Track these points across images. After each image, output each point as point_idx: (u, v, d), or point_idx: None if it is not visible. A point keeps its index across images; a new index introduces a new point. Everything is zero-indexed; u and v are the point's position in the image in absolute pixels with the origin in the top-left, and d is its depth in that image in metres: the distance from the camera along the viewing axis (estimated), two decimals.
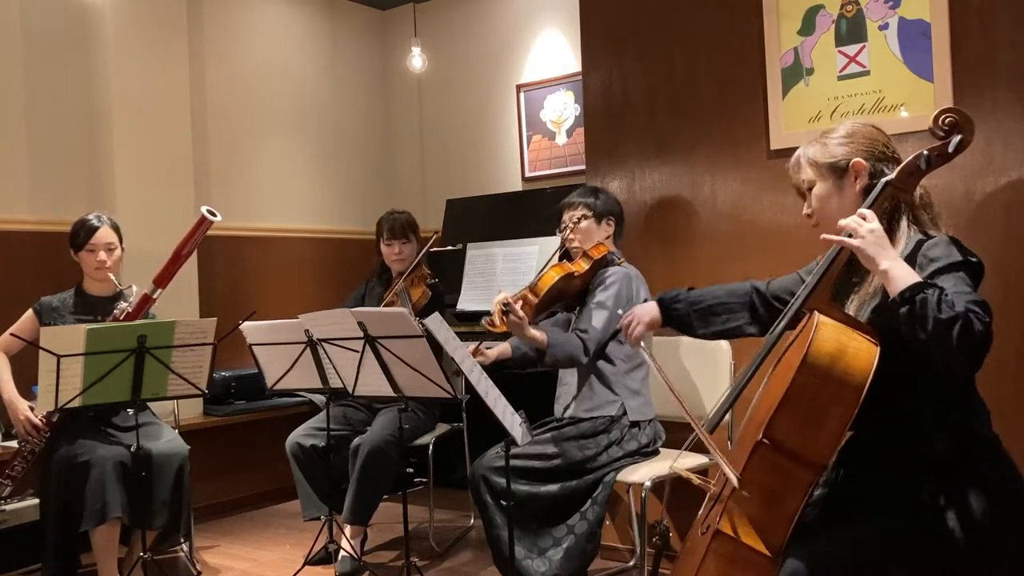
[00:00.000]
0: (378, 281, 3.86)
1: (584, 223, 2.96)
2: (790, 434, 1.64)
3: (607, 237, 3.00)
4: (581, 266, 2.90)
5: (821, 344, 1.64)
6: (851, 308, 1.81)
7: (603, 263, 2.93)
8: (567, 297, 2.97)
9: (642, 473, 2.76)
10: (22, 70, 4.01)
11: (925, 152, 1.74)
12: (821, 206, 1.90)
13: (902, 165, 1.76)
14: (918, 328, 1.55)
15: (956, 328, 1.51)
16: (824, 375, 1.63)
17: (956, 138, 1.72)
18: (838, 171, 1.87)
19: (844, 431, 1.64)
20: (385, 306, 3.56)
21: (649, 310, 2.27)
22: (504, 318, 2.72)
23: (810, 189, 1.91)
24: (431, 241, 3.69)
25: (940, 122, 1.74)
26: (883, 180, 1.76)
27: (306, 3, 5.26)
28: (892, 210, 1.81)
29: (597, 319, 2.83)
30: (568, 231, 2.99)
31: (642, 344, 2.29)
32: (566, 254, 3.09)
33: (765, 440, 1.64)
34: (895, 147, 1.89)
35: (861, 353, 1.64)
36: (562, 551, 2.69)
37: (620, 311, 2.75)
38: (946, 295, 1.55)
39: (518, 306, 2.73)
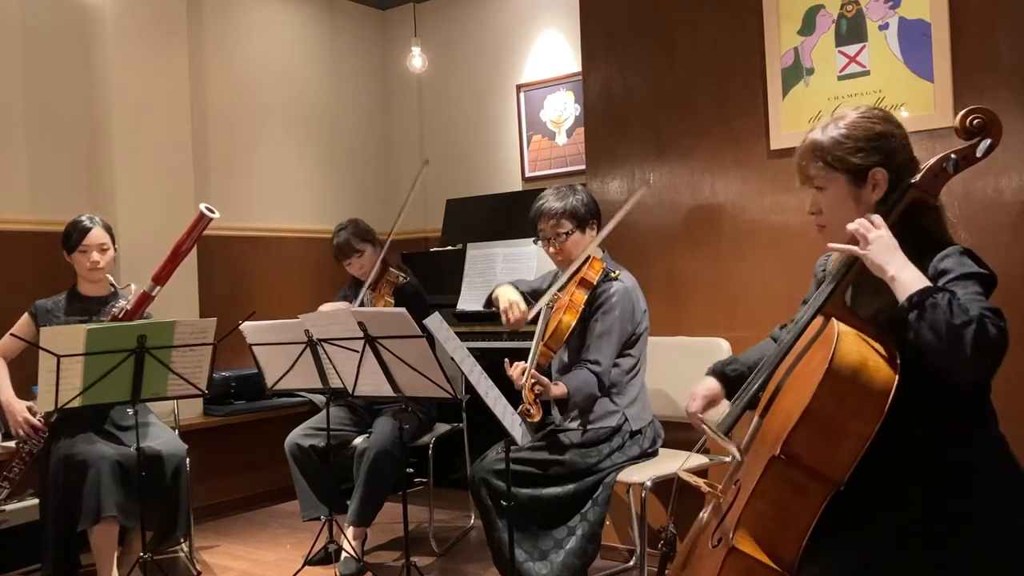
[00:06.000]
0: (352, 292, 3.81)
1: (571, 238, 2.84)
2: (808, 449, 1.58)
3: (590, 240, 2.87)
4: (582, 298, 2.76)
5: (844, 355, 1.56)
6: (867, 313, 1.71)
7: (601, 280, 2.82)
8: (575, 330, 2.83)
9: (642, 473, 2.75)
10: (22, 70, 4.01)
11: (953, 155, 1.63)
12: (831, 213, 1.75)
13: (927, 167, 1.65)
14: (929, 333, 1.47)
15: (970, 332, 1.43)
16: (847, 387, 1.55)
17: (985, 142, 1.61)
18: (855, 178, 1.71)
19: (864, 447, 1.56)
20: None
21: (705, 385, 2.05)
22: (537, 400, 2.62)
23: (819, 188, 1.76)
24: (385, 244, 3.68)
25: (968, 123, 1.62)
26: (907, 182, 1.66)
27: (306, 3, 5.26)
28: (910, 214, 1.68)
29: (605, 349, 2.77)
30: (552, 248, 2.87)
31: (700, 419, 2.01)
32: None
33: (782, 455, 1.59)
34: (911, 144, 1.74)
35: (882, 365, 1.56)
36: (563, 553, 2.69)
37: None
38: (958, 299, 1.48)
39: (542, 372, 2.66)
